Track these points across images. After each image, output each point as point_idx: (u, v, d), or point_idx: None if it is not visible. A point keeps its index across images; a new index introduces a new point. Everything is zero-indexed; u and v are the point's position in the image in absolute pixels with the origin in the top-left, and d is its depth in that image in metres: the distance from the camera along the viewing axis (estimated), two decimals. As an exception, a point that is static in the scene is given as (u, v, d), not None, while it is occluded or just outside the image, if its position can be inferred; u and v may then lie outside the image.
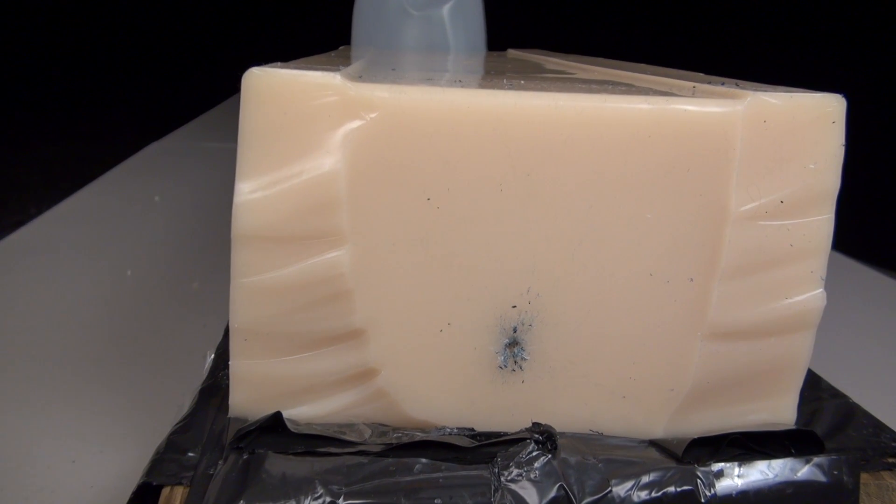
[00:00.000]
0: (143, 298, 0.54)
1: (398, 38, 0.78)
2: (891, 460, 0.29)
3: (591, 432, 0.30)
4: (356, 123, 0.26)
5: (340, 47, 0.70)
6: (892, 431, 0.31)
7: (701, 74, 0.36)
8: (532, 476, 0.26)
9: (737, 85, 0.30)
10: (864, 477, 0.28)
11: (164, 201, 0.81)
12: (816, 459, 0.27)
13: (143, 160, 0.99)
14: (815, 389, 0.35)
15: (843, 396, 0.34)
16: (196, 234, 0.70)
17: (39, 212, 0.73)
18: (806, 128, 0.27)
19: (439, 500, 0.25)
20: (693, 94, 0.28)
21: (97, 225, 0.71)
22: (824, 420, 0.32)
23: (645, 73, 0.37)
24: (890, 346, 0.52)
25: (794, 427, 0.29)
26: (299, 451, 0.27)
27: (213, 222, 0.72)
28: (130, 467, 0.33)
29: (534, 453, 0.27)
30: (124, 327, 0.49)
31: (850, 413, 0.33)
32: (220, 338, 0.37)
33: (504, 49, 0.82)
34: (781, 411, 0.30)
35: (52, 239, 0.66)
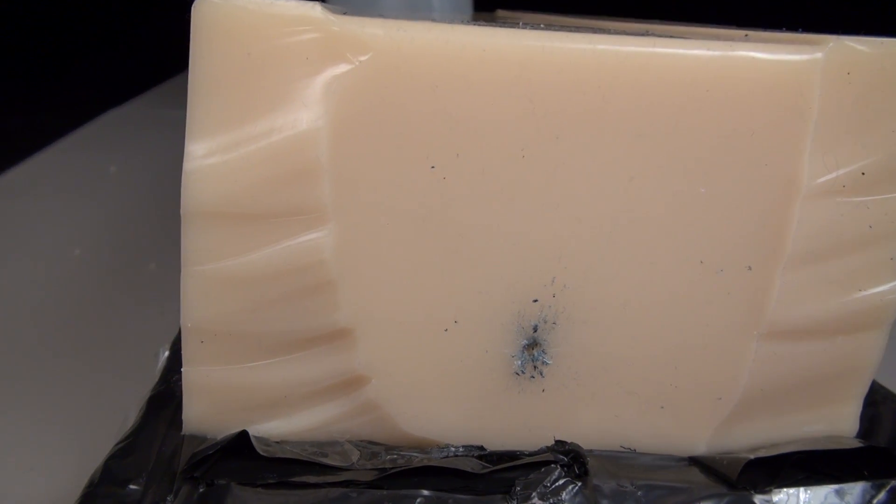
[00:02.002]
0: (92, 282, 0.48)
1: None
2: (970, 479, 0.25)
3: (622, 449, 0.25)
4: (342, 68, 0.21)
5: None
6: (964, 443, 0.27)
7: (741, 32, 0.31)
8: (559, 509, 0.21)
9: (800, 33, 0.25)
10: (943, 501, 0.23)
11: (121, 173, 0.75)
12: (893, 483, 0.23)
13: (98, 128, 0.92)
14: (868, 392, 0.30)
15: (898, 399, 0.30)
16: (156, 209, 0.64)
17: (-21, 184, 0.66)
18: (897, 82, 0.22)
19: (446, 544, 0.20)
20: (755, 42, 0.23)
21: (44, 199, 0.65)
22: (885, 429, 0.28)
23: (679, 26, 0.31)
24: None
25: (865, 443, 0.25)
26: (270, 481, 0.22)
27: (176, 197, 0.66)
28: (67, 490, 0.28)
29: (560, 481, 0.22)
30: (68, 316, 0.43)
31: (911, 420, 0.29)
32: (177, 331, 0.32)
33: (492, 10, 0.77)
34: (841, 421, 0.26)
35: (-9, 214, 0.60)
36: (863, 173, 0.23)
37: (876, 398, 0.30)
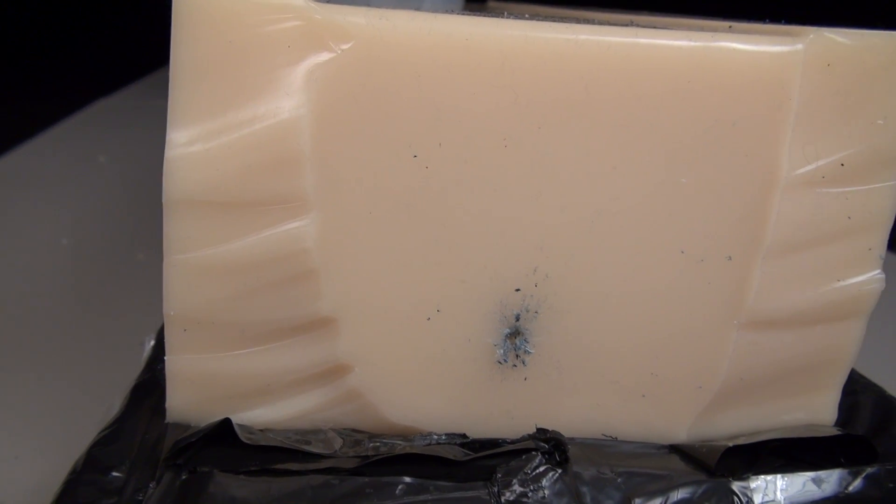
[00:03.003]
0: (80, 271, 0.48)
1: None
2: (946, 467, 0.25)
3: (604, 437, 0.25)
4: (324, 57, 0.21)
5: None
6: (941, 431, 0.28)
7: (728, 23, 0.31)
8: (539, 495, 0.22)
9: (783, 24, 0.25)
10: (919, 488, 0.24)
11: (111, 162, 0.74)
12: (869, 470, 0.24)
13: (88, 118, 0.91)
14: (847, 381, 0.31)
15: (878, 388, 0.31)
16: (144, 199, 0.63)
17: (-33, 173, 0.65)
18: (877, 74, 0.22)
19: (427, 530, 0.21)
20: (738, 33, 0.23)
21: (32, 188, 0.64)
22: (863, 418, 0.28)
23: (665, 17, 0.31)
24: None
25: (841, 431, 0.25)
26: (253, 468, 0.22)
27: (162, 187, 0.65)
28: (50, 478, 0.28)
29: (541, 468, 0.22)
30: (54, 305, 0.43)
31: (890, 409, 0.29)
32: (162, 321, 0.32)
33: (483, 1, 0.77)
34: (820, 410, 0.26)
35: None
36: (842, 164, 0.23)
37: (856, 387, 0.30)
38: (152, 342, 0.30)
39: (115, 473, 0.22)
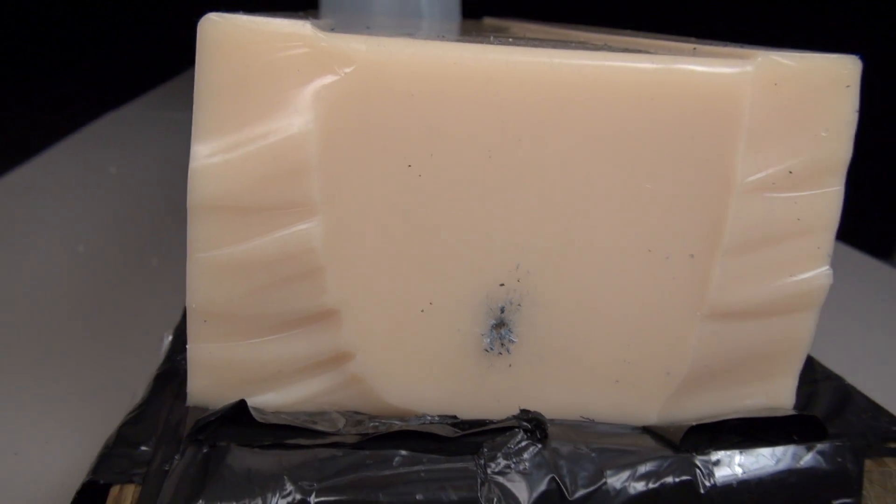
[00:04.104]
0: (97, 276, 0.50)
1: (368, 3, 0.75)
2: (893, 445, 0.28)
3: (582, 419, 0.28)
4: (329, 79, 0.23)
5: (307, 10, 0.67)
6: (891, 415, 0.30)
7: (693, 39, 0.34)
8: (521, 468, 0.24)
9: (741, 47, 0.28)
10: (866, 463, 0.26)
11: (121, 173, 0.77)
12: (819, 446, 0.26)
13: (98, 130, 0.94)
14: (808, 371, 0.33)
15: (838, 378, 0.33)
16: (155, 207, 0.66)
17: (-16, 183, 0.68)
18: (819, 92, 0.25)
19: (421, 496, 0.23)
20: (697, 55, 0.26)
21: (47, 198, 0.67)
22: (821, 403, 0.31)
23: (638, 37, 0.34)
24: (877, 327, 0.51)
25: (796, 412, 0.28)
26: (266, 443, 0.24)
27: (173, 196, 0.68)
28: (79, 461, 0.30)
29: (523, 443, 0.25)
30: (75, 307, 0.46)
31: (846, 396, 0.31)
32: (178, 318, 0.35)
33: (479, 17, 0.79)
34: (780, 395, 0.29)
35: (-3, 212, 0.62)
36: (790, 172, 0.25)
37: (816, 376, 0.33)
38: (170, 337, 0.33)
39: (143, 448, 0.25)
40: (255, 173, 0.24)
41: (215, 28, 0.23)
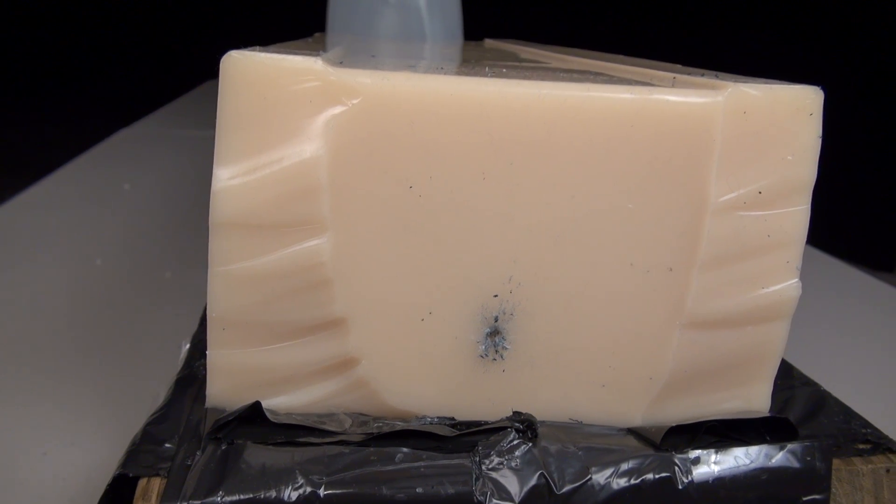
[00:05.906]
0: (114, 288, 0.53)
1: (374, 26, 0.77)
2: (861, 447, 0.30)
3: (571, 421, 0.30)
4: (338, 109, 0.26)
5: (315, 34, 0.69)
6: (862, 419, 0.32)
7: (679, 66, 0.36)
8: (513, 464, 0.26)
9: (716, 76, 0.30)
10: (835, 463, 0.28)
11: (134, 190, 0.80)
12: (790, 446, 0.28)
13: (110, 148, 0.96)
14: (787, 378, 0.35)
15: (815, 385, 0.35)
16: (167, 223, 0.68)
17: (2, 200, 0.71)
18: (785, 119, 0.27)
19: (420, 489, 0.25)
20: (674, 85, 0.28)
21: (64, 213, 0.70)
22: (797, 408, 0.33)
23: (623, 63, 0.37)
24: (856, 336, 0.53)
25: (768, 414, 0.30)
26: (279, 441, 0.26)
27: (185, 211, 0.71)
28: (103, 459, 0.33)
29: (514, 442, 0.27)
30: (95, 317, 0.48)
31: (821, 401, 0.33)
32: (194, 327, 0.37)
33: (481, 39, 0.82)
34: (756, 399, 0.31)
35: (16, 228, 0.65)
36: (760, 192, 0.28)
37: (794, 382, 0.35)
38: (188, 345, 0.35)
39: (167, 445, 0.27)
40: (271, 194, 0.26)
41: (236, 64, 0.25)
